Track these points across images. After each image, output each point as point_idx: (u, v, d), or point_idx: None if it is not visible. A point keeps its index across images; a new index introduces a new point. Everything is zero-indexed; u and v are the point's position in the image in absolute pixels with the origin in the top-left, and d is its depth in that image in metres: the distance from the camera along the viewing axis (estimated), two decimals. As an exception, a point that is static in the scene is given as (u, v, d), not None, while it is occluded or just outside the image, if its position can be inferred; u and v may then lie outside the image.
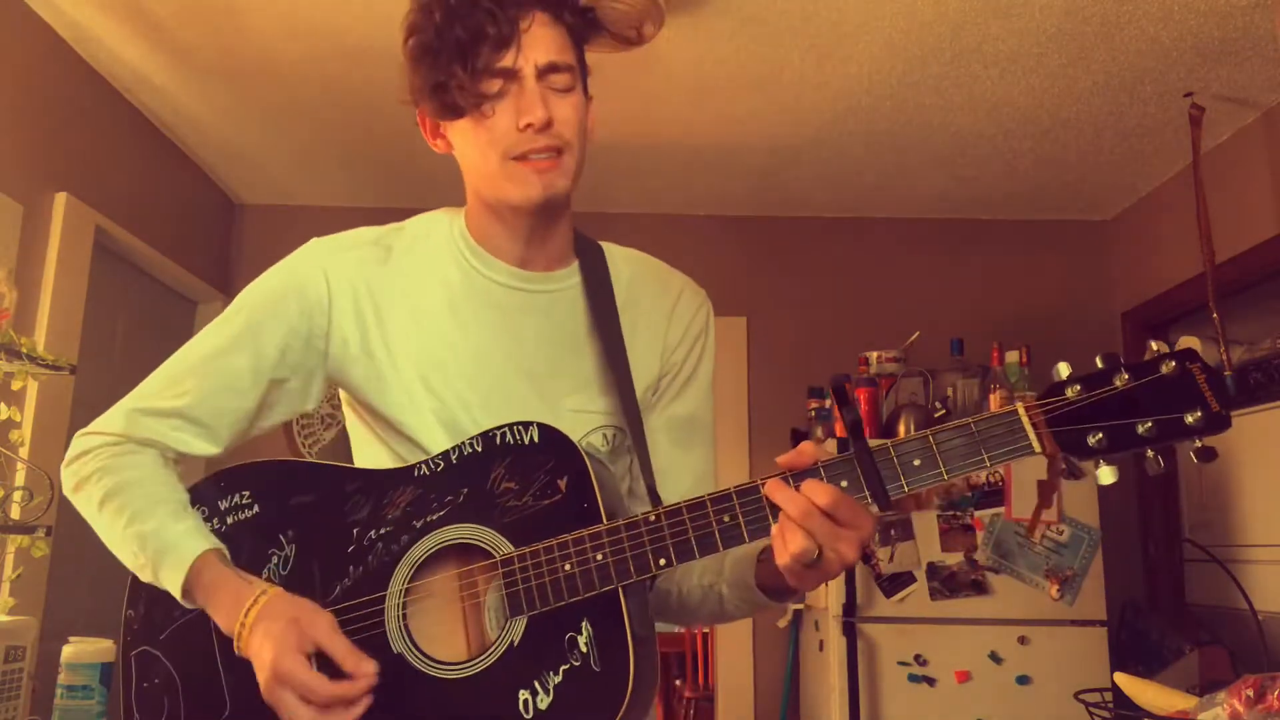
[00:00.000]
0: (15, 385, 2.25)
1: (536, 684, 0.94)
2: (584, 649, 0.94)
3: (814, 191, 3.68)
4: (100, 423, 1.11)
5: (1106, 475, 0.90)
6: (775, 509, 0.91)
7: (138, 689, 1.07)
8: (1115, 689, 1.96)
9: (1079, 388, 0.89)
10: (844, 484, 0.90)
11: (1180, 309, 3.34)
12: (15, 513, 2.25)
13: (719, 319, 1.25)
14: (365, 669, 0.94)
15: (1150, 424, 0.87)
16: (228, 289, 3.73)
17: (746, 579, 1.03)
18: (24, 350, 2.13)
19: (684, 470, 1.16)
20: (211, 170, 3.57)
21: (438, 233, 1.14)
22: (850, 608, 2.83)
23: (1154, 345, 0.89)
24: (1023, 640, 2.79)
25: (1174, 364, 0.87)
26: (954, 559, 2.84)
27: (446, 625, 1.00)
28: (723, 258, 3.77)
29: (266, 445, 1.21)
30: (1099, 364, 0.90)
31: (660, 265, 1.22)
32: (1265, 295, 3.10)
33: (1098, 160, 3.32)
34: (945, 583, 2.83)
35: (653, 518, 0.95)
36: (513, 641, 0.96)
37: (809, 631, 3.23)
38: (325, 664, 0.96)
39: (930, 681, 2.79)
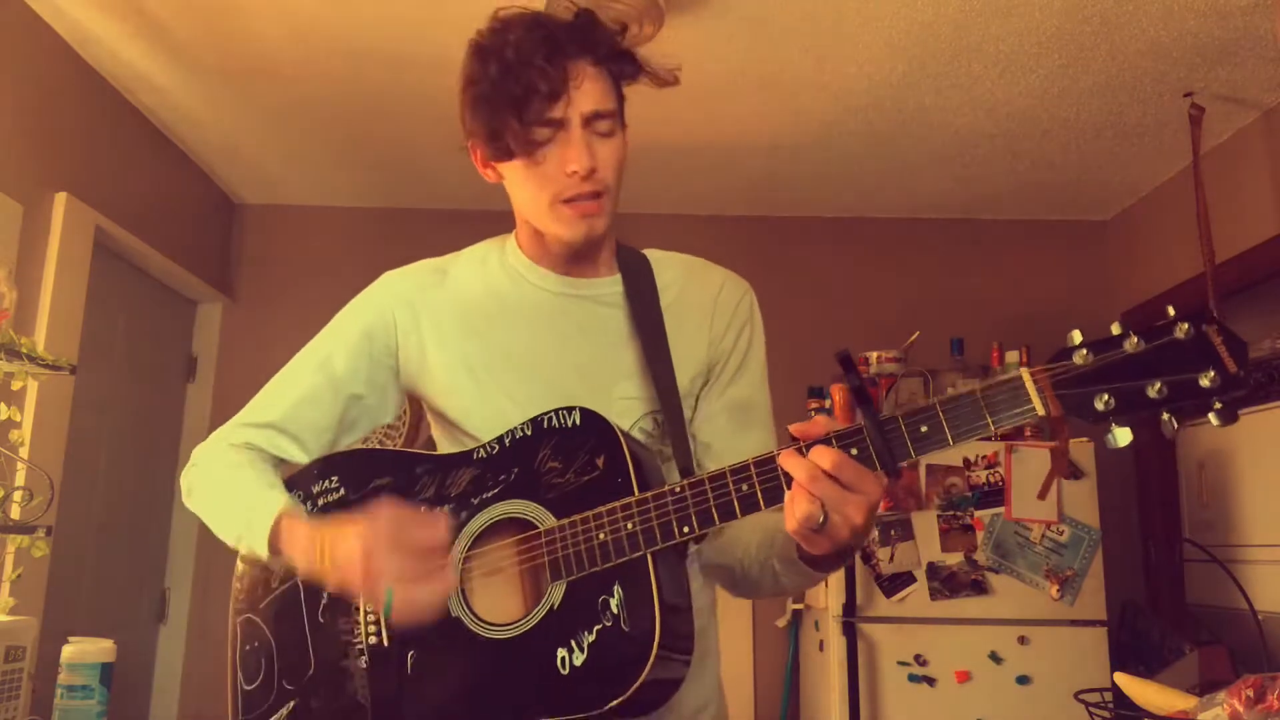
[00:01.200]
0: (15, 385, 2.25)
1: (573, 642, 1.02)
2: (615, 610, 1.02)
3: (814, 191, 3.68)
4: (210, 437, 1.27)
5: (1121, 436, 0.87)
6: (790, 477, 0.95)
7: (240, 651, 1.21)
8: (1115, 689, 1.96)
9: (1087, 352, 0.88)
10: (854, 452, 0.93)
11: (1180, 309, 3.34)
12: (15, 513, 2.24)
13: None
14: (441, 518, 1.06)
15: (1160, 385, 0.85)
16: (227, 288, 3.73)
17: (790, 553, 1.07)
18: (24, 350, 2.13)
19: (742, 452, 1.21)
20: (211, 170, 3.57)
21: (490, 253, 1.29)
22: (850, 608, 2.83)
23: (1170, 310, 0.87)
24: (1023, 640, 2.79)
25: (1188, 326, 0.85)
26: (954, 559, 2.84)
27: (500, 591, 1.09)
28: (723, 258, 3.76)
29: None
30: (1114, 330, 0.88)
31: (701, 263, 1.34)
32: (1265, 295, 3.10)
33: (1098, 160, 3.32)
34: (945, 583, 2.83)
35: (678, 489, 1.02)
36: (553, 605, 1.05)
37: (809, 631, 3.23)
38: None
39: (930, 681, 2.79)
